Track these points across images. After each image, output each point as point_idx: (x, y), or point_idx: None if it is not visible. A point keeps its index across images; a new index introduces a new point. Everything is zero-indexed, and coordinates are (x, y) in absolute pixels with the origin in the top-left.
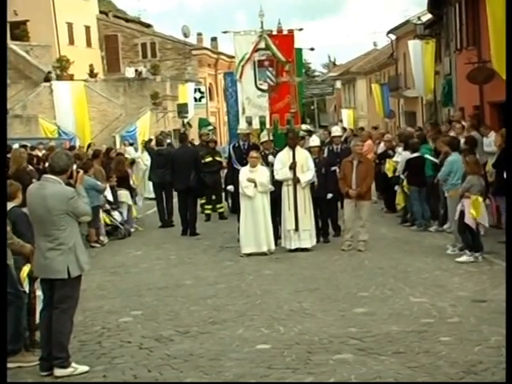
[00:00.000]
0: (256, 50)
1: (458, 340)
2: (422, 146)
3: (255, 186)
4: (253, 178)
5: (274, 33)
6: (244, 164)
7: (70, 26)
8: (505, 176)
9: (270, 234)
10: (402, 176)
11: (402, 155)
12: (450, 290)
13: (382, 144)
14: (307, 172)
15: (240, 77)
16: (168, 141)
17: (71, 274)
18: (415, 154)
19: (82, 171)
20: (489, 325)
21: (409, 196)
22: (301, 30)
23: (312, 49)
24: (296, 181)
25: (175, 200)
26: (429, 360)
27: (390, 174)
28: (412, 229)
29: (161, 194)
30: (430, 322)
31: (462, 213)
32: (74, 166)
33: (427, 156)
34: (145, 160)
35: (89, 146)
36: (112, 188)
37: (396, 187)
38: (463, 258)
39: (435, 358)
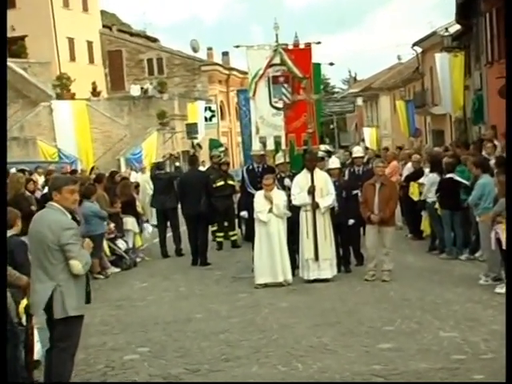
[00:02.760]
0: (270, 65)
1: (492, 378)
2: (456, 167)
3: (270, 210)
4: (269, 195)
5: (290, 47)
6: (258, 188)
7: (71, 41)
8: None
9: (287, 263)
10: (428, 200)
11: (428, 177)
12: (483, 324)
13: (410, 165)
14: (327, 196)
15: (253, 94)
16: (177, 164)
17: (54, 315)
18: (449, 175)
19: (88, 240)
20: None
21: (438, 220)
22: (319, 43)
23: (331, 63)
24: (315, 206)
25: (184, 227)
26: None
27: (414, 198)
28: (441, 257)
29: (164, 221)
30: (461, 358)
31: (499, 241)
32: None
33: (457, 178)
34: (151, 184)
35: (91, 169)
36: (117, 215)
37: (422, 212)
38: (502, 289)
39: None
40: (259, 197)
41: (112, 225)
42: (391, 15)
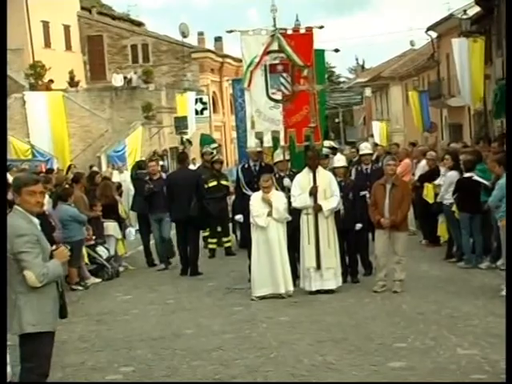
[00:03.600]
0: (267, 52)
1: None
2: (476, 165)
3: (268, 214)
4: (268, 197)
5: (290, 32)
6: (255, 189)
7: (45, 25)
8: None
9: (287, 273)
10: (445, 202)
11: (447, 176)
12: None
13: (424, 163)
14: (331, 198)
15: (248, 85)
16: (161, 163)
17: (11, 330)
18: (468, 174)
19: (62, 248)
20: None
21: (456, 224)
22: (321, 27)
23: (336, 50)
24: (317, 209)
25: (172, 232)
26: None
27: (429, 200)
28: (459, 265)
29: (146, 227)
30: (481, 378)
31: None
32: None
33: (476, 178)
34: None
35: (69, 168)
36: (97, 219)
37: (439, 215)
38: None
39: None
40: (256, 199)
41: (91, 231)
42: None
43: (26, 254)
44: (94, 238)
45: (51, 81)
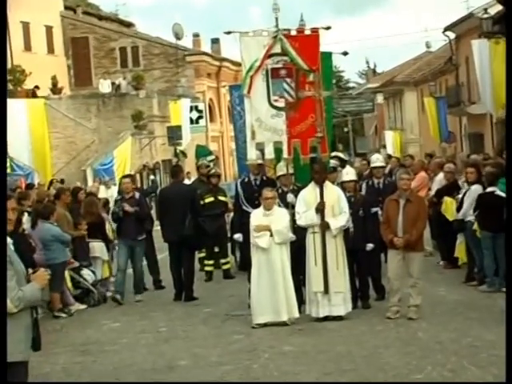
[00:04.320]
0: (269, 55)
1: None
2: (499, 178)
3: (271, 234)
4: (266, 224)
5: (293, 33)
6: (256, 205)
7: (25, 26)
8: None
9: (291, 298)
10: (468, 219)
11: (471, 191)
12: None
13: (441, 176)
14: (339, 215)
15: (248, 91)
16: (152, 177)
17: None
18: (490, 189)
19: (41, 270)
20: None
21: (477, 244)
22: (328, 28)
23: (345, 53)
24: (325, 227)
25: (165, 254)
26: None
27: (449, 217)
28: (481, 289)
29: None
30: None
31: None
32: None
33: (499, 193)
34: None
35: (51, 183)
36: (82, 239)
37: (458, 235)
38: None
39: None
40: (257, 216)
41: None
42: None
43: None
44: (74, 262)
45: (37, 87)
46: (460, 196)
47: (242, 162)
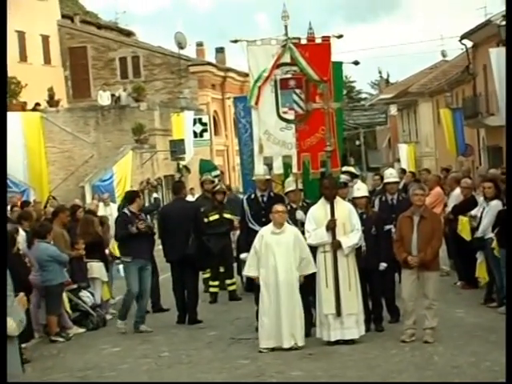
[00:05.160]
0: (278, 65)
1: None
2: None
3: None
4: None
5: (304, 41)
6: (263, 223)
7: (21, 35)
8: None
9: (299, 323)
10: (487, 237)
11: (491, 207)
12: None
13: (458, 192)
14: (351, 233)
15: (256, 103)
16: (155, 195)
17: None
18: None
19: (22, 294)
20: None
21: (496, 263)
22: (340, 37)
23: (356, 62)
24: (336, 246)
25: (167, 275)
26: None
27: (466, 237)
28: (500, 311)
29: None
30: None
31: None
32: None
33: None
34: None
35: (47, 200)
36: (80, 259)
37: (478, 254)
38: None
39: None
40: (265, 235)
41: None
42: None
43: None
44: (72, 283)
45: (38, 104)
46: (473, 213)
47: (247, 177)
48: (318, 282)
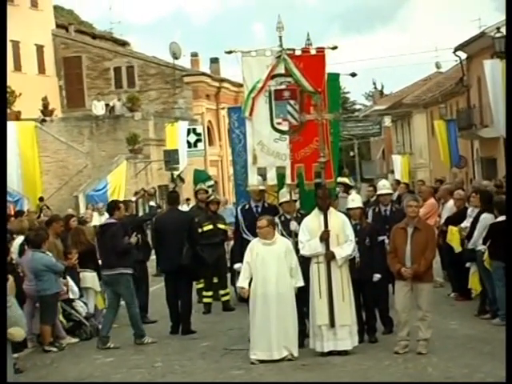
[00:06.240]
0: (272, 75)
1: None
2: None
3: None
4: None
5: (298, 52)
6: (257, 233)
7: (15, 45)
8: None
9: (294, 331)
10: (478, 249)
11: (481, 219)
12: None
13: (451, 203)
14: (345, 244)
15: (250, 113)
16: (151, 203)
17: None
18: (502, 218)
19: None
20: None
21: (489, 274)
22: (334, 48)
23: (353, 74)
24: (330, 257)
25: (160, 285)
26: None
27: (455, 247)
28: (494, 322)
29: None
30: None
31: None
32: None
33: None
34: None
35: (41, 209)
36: (73, 269)
37: (468, 264)
38: None
39: None
40: (255, 247)
41: (69, 282)
42: (428, 10)
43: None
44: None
45: (19, 112)
46: (463, 225)
47: (240, 188)
48: (311, 293)
